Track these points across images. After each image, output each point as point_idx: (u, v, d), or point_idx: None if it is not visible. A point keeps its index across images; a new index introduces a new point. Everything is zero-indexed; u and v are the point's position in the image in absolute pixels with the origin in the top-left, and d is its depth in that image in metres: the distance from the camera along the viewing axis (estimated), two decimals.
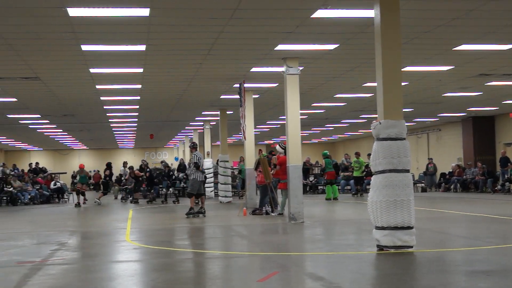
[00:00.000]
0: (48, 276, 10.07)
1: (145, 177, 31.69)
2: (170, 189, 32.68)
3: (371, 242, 12.08)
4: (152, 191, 32.03)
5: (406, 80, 21.75)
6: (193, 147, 22.13)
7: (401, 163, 11.41)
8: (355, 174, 32.50)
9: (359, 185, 32.84)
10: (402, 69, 12.53)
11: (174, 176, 33.59)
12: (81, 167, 31.95)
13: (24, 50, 16.20)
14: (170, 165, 39.14)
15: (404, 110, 12.15)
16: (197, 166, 20.95)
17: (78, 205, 29.32)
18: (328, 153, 31.98)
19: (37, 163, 41.63)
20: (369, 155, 32.08)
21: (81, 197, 30.21)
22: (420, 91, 25.68)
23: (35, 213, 25.48)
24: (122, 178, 35.07)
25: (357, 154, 33.27)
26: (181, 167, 37.05)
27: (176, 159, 47.15)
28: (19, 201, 32.05)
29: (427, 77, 22.23)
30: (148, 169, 32.36)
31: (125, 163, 36.13)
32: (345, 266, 10.24)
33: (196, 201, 20.92)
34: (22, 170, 39.34)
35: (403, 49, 12.36)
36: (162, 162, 38.45)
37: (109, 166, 32.33)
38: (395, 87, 11.79)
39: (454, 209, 22.18)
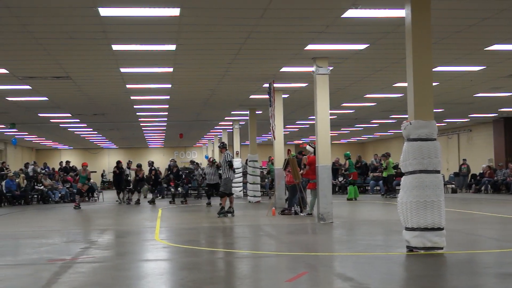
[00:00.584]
0: (78, 274, 10.14)
1: (152, 177, 31.52)
2: (179, 188, 31.88)
3: (400, 243, 12.02)
4: (156, 191, 32.13)
5: (437, 80, 21.61)
6: (223, 147, 22.21)
7: (431, 164, 11.35)
8: (384, 174, 32.34)
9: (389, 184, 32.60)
10: (433, 69, 12.44)
11: (183, 176, 33.02)
12: (84, 165, 29.94)
13: (56, 50, 16.31)
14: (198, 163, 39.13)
15: (434, 110, 12.07)
16: (231, 165, 21.00)
17: (78, 207, 27.46)
18: (350, 154, 31.97)
19: (67, 162, 41.87)
20: (384, 155, 32.22)
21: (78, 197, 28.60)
22: (451, 92, 25.51)
23: (66, 211, 25.65)
24: (129, 178, 34.41)
25: (387, 155, 33.10)
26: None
27: (207, 157, 47.14)
28: (50, 199, 32.29)
29: (458, 77, 22.07)
30: (153, 168, 32.00)
31: (129, 163, 35.87)
32: (374, 267, 10.19)
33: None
34: (53, 169, 39.60)
35: (434, 49, 12.29)
36: (191, 161, 38.52)
37: (118, 164, 32.08)
38: (426, 87, 11.72)
39: (484, 210, 22.02)
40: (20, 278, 9.88)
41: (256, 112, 30.73)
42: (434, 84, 13.32)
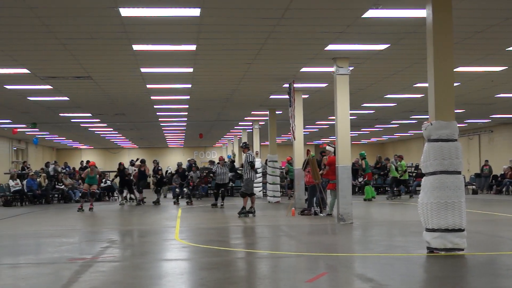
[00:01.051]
0: (98, 273, 10.18)
1: (158, 176, 31.31)
2: (185, 189, 31.30)
3: (420, 244, 11.98)
4: (160, 191, 31.75)
5: (458, 81, 21.50)
6: (246, 147, 22.26)
7: (452, 165, 11.30)
8: (393, 174, 32.18)
9: (397, 187, 32.47)
10: (454, 70, 12.38)
11: (190, 176, 32.36)
12: (92, 165, 27.24)
13: (77, 50, 16.37)
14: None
15: (455, 111, 12.02)
16: (253, 165, 20.99)
17: (81, 209, 25.26)
18: (365, 154, 31.95)
19: (88, 161, 41.95)
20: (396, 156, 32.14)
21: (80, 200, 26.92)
22: (472, 92, 25.37)
23: (86, 211, 25.75)
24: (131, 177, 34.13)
25: (400, 157, 33.04)
26: (229, 167, 37.14)
27: (229, 156, 47.10)
28: (71, 199, 32.44)
29: (480, 78, 21.95)
30: (159, 168, 31.55)
31: (132, 162, 35.80)
32: (394, 268, 10.16)
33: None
34: (73, 168, 39.77)
35: (455, 49, 12.23)
36: (211, 161, 38.50)
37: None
38: (447, 88, 11.67)
39: (506, 211, 21.87)
40: (41, 277, 9.94)
41: (276, 112, 30.72)
42: (455, 84, 13.23)
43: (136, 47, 15.99)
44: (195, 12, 12.86)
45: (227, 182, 26.88)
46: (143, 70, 19.17)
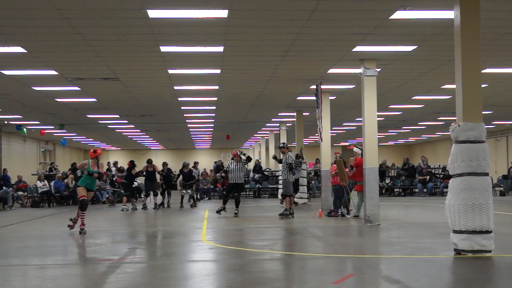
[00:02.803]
0: (125, 274, 10.24)
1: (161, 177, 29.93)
2: (189, 191, 29.43)
3: (447, 245, 11.94)
4: (166, 194, 28.90)
5: (486, 82, 21.38)
6: (285, 147, 21.84)
7: (480, 166, 11.25)
8: None
9: None
10: (482, 71, 12.32)
11: (197, 177, 31.20)
12: (95, 155, 18.02)
13: (105, 51, 16.49)
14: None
15: (483, 112, 11.97)
16: (291, 167, 20.92)
17: (70, 227, 17.35)
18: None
19: (115, 162, 42.07)
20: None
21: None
22: (500, 93, 25.22)
23: (113, 212, 25.86)
24: (114, 179, 33.33)
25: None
26: (257, 168, 37.17)
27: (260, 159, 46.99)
28: (98, 200, 32.56)
29: (508, 79, 21.81)
30: (168, 169, 29.61)
31: (115, 163, 35.65)
32: (421, 270, 10.12)
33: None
34: None
35: (482, 51, 12.18)
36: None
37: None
38: (475, 89, 11.62)
39: None
40: (68, 278, 10.01)
41: (303, 114, 30.70)
42: (482, 85, 13.16)
43: (163, 48, 16.06)
44: (223, 13, 12.90)
45: (242, 182, 22.96)
46: (170, 71, 19.25)
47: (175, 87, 22.42)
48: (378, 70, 18.36)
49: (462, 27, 11.55)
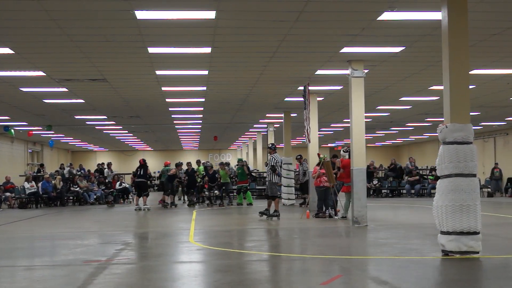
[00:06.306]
0: (113, 275, 10.22)
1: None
2: (216, 191, 30.12)
3: (435, 247, 11.97)
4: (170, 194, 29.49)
5: (474, 83, 21.44)
6: (271, 148, 21.58)
7: (467, 168, 11.29)
8: None
9: None
10: (470, 72, 12.36)
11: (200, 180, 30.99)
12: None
13: (93, 53, 16.44)
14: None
15: (471, 113, 12.00)
16: (274, 169, 20.88)
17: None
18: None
19: (101, 164, 41.91)
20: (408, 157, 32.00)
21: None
22: (488, 95, 25.30)
23: (101, 213, 25.82)
24: (107, 180, 34.02)
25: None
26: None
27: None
28: (87, 201, 32.48)
29: (495, 80, 21.88)
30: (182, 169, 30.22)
31: (109, 164, 35.77)
32: (409, 271, 10.14)
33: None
34: (88, 170, 39.86)
35: (470, 52, 12.21)
36: (220, 163, 38.37)
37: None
38: (462, 90, 11.65)
39: None
40: (56, 279, 9.99)
41: (291, 115, 30.71)
42: (470, 87, 13.20)
43: (151, 49, 16.04)
44: (210, 14, 12.89)
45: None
46: (158, 72, 19.22)
47: (163, 88, 22.39)
48: (366, 71, 18.39)
49: (449, 28, 11.58)
